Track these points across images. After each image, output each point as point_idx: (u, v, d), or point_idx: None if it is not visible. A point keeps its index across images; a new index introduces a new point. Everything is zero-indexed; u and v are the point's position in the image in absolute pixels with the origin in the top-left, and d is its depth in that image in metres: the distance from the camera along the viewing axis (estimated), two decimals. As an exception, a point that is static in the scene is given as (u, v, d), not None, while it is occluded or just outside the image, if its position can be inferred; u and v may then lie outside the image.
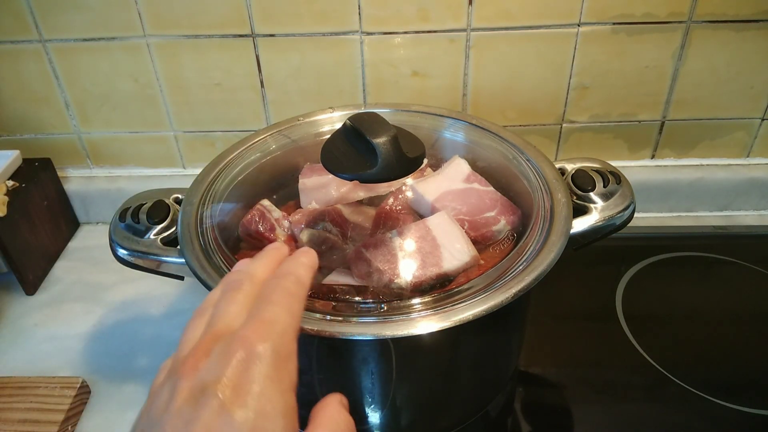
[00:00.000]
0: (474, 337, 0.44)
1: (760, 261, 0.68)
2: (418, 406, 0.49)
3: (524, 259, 0.41)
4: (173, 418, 0.27)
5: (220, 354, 0.28)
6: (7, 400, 0.53)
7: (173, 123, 0.74)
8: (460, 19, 0.65)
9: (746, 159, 0.76)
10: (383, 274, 0.42)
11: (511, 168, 0.51)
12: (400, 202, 0.49)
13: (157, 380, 0.30)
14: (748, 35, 0.66)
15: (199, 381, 0.27)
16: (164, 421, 0.27)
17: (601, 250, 0.56)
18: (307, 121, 0.57)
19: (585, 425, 0.52)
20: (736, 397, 0.53)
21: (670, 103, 0.71)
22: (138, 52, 0.68)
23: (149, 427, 0.28)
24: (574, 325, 0.62)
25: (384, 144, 0.39)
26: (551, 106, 0.72)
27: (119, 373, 0.58)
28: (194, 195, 0.49)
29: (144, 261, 0.47)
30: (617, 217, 0.48)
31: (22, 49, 0.68)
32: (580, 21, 0.65)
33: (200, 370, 0.28)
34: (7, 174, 0.69)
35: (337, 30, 0.66)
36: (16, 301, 0.68)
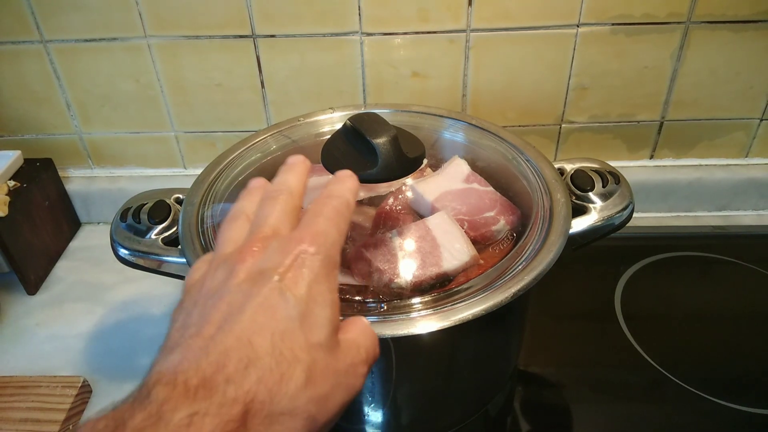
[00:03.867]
0: (473, 337, 0.45)
1: (759, 261, 0.69)
2: (417, 405, 0.49)
3: (523, 259, 0.41)
4: (232, 292, 0.29)
5: (276, 249, 0.30)
6: (9, 399, 0.53)
7: (174, 123, 0.74)
8: (459, 19, 0.65)
9: (745, 159, 0.77)
10: (383, 273, 0.42)
11: (511, 168, 0.51)
12: (400, 202, 0.49)
13: (195, 274, 0.33)
14: (747, 36, 0.66)
15: (256, 266, 0.30)
16: (221, 294, 0.29)
17: (600, 249, 0.56)
18: (308, 122, 0.58)
19: (584, 425, 0.53)
20: (735, 397, 0.53)
21: (669, 103, 0.71)
22: (139, 52, 0.68)
23: (204, 299, 0.30)
24: (574, 324, 0.62)
25: (384, 144, 0.39)
26: (550, 107, 0.72)
27: (120, 372, 0.59)
28: (195, 195, 0.49)
29: (145, 261, 0.47)
30: (616, 217, 0.48)
31: (24, 49, 0.68)
32: (580, 21, 0.65)
33: (257, 260, 0.30)
34: (9, 174, 0.69)
35: (338, 30, 0.66)
36: (18, 301, 0.68)
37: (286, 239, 0.31)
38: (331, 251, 0.31)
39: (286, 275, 0.29)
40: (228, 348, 0.26)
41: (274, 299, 0.28)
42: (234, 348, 0.26)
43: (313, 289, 0.29)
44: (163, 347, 0.28)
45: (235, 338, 0.27)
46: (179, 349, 0.27)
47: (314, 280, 0.29)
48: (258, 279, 0.29)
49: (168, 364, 0.26)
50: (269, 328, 0.27)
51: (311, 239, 0.30)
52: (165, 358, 0.27)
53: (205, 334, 0.27)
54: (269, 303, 0.28)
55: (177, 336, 0.28)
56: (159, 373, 0.26)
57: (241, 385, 0.25)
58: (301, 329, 0.28)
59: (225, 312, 0.28)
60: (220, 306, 0.28)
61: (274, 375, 0.26)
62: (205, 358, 0.26)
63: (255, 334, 0.27)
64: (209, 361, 0.26)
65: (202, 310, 0.29)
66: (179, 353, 0.27)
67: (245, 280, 0.29)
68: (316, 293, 0.29)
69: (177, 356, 0.27)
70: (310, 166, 0.37)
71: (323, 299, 0.29)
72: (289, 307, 0.28)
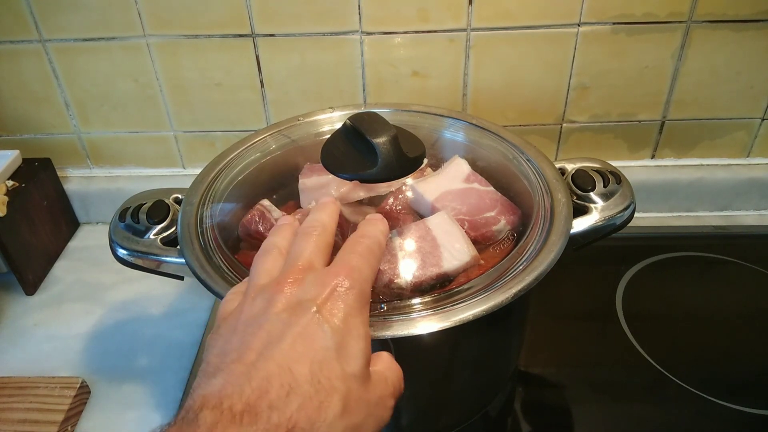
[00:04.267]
0: (474, 337, 0.44)
1: (760, 261, 0.68)
2: (418, 406, 0.49)
3: (524, 259, 0.41)
4: (271, 321, 0.30)
5: (313, 282, 0.32)
6: (7, 400, 0.53)
7: (173, 123, 0.74)
8: (460, 19, 0.65)
9: (746, 159, 0.76)
10: (383, 274, 0.41)
11: (511, 168, 0.51)
12: (400, 202, 0.49)
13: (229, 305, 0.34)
14: (747, 35, 0.66)
15: (295, 297, 0.31)
16: (261, 323, 0.30)
17: (602, 250, 0.56)
18: (307, 121, 0.57)
19: (585, 425, 0.52)
20: (736, 397, 0.53)
21: (670, 103, 0.71)
22: (138, 52, 0.68)
23: (243, 326, 0.31)
24: (574, 325, 0.62)
25: (384, 144, 0.39)
26: (551, 106, 0.72)
27: (119, 373, 0.58)
28: (194, 195, 0.49)
29: (144, 261, 0.47)
30: (617, 217, 0.48)
31: (22, 49, 0.68)
32: (580, 21, 0.65)
33: (295, 291, 0.32)
34: (7, 174, 0.69)
35: (337, 30, 0.66)
36: (16, 301, 0.68)
37: (323, 273, 0.32)
38: (365, 286, 0.33)
39: (324, 307, 0.30)
40: (269, 374, 0.27)
41: (312, 329, 0.29)
42: (275, 375, 0.27)
43: (349, 322, 0.30)
44: (203, 372, 0.29)
45: (276, 365, 0.28)
46: (221, 374, 0.28)
47: (349, 313, 0.31)
48: (297, 309, 0.30)
49: (211, 389, 0.27)
50: (308, 356, 0.28)
51: (347, 273, 0.32)
52: (207, 383, 0.28)
53: (247, 360, 0.28)
54: (308, 332, 0.29)
55: (217, 361, 0.29)
56: (203, 398, 0.27)
57: (283, 412, 0.26)
58: (337, 360, 0.29)
59: (265, 339, 0.29)
60: (260, 334, 0.30)
61: (313, 403, 0.27)
62: (248, 383, 0.27)
63: (295, 362, 0.28)
64: (252, 387, 0.27)
65: (242, 337, 0.30)
66: (222, 378, 0.28)
67: (284, 309, 0.31)
68: (351, 326, 0.31)
69: (220, 381, 0.28)
70: (340, 207, 0.39)
71: (358, 332, 0.31)
72: (327, 338, 0.29)
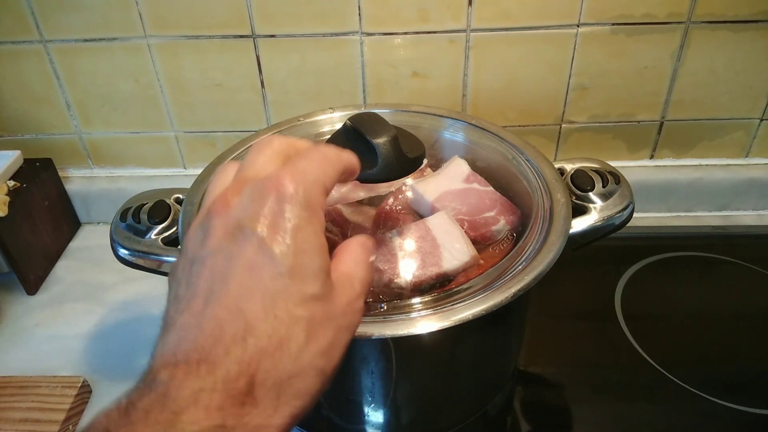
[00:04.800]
0: (473, 337, 0.44)
1: (759, 261, 0.69)
2: (417, 405, 0.49)
3: (524, 259, 0.41)
4: (213, 255, 0.27)
5: (252, 193, 0.28)
6: (9, 399, 0.53)
7: (174, 123, 0.74)
8: (459, 19, 0.65)
9: (745, 159, 0.77)
10: (383, 274, 0.42)
11: (511, 168, 0.51)
12: (400, 202, 0.49)
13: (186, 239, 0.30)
14: (746, 36, 0.66)
15: (233, 218, 0.27)
16: (203, 258, 0.27)
17: (601, 249, 0.56)
18: (308, 122, 0.58)
19: (584, 425, 0.53)
20: (735, 397, 0.53)
21: (669, 103, 0.71)
22: (139, 52, 0.68)
23: (189, 265, 0.28)
24: (574, 324, 0.62)
25: (384, 144, 0.39)
26: (550, 107, 0.72)
27: (120, 372, 0.59)
28: (195, 195, 0.49)
29: (145, 261, 0.47)
30: (616, 217, 0.48)
31: (23, 49, 0.68)
32: (580, 21, 0.65)
33: (232, 208, 0.28)
34: (9, 174, 0.69)
35: (337, 30, 0.66)
36: (18, 301, 0.68)
37: (261, 181, 0.28)
38: (312, 190, 0.28)
39: (266, 224, 0.27)
40: (221, 321, 0.25)
41: (258, 258, 0.26)
42: (226, 320, 0.25)
43: (298, 237, 0.27)
44: (161, 327, 0.28)
45: (225, 309, 0.26)
46: (173, 329, 0.26)
47: (297, 226, 0.27)
48: (237, 235, 0.27)
49: (168, 346, 0.26)
50: (258, 291, 0.26)
51: (290, 177, 0.28)
52: (163, 340, 0.27)
53: (195, 309, 0.26)
54: (253, 263, 0.26)
55: (172, 312, 0.27)
56: (161, 357, 0.26)
57: (242, 358, 0.25)
58: (293, 285, 0.26)
59: (209, 280, 0.27)
60: (203, 273, 0.27)
61: (272, 341, 0.25)
62: (200, 334, 0.25)
63: (245, 301, 0.26)
64: (205, 336, 0.25)
65: (187, 279, 0.28)
66: (175, 333, 0.26)
67: (223, 236, 0.27)
68: (301, 241, 0.27)
69: (174, 336, 0.26)
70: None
71: (311, 246, 0.27)
72: (276, 264, 0.26)
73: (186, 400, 0.24)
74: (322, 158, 0.30)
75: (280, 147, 0.31)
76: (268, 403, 0.25)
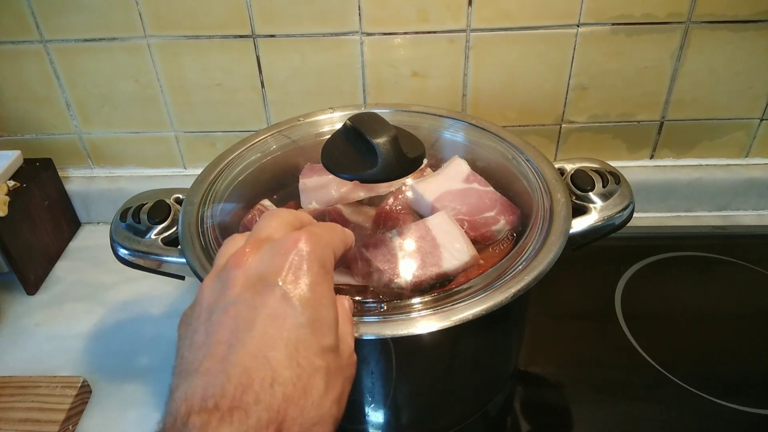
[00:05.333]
0: (474, 337, 0.44)
1: (759, 261, 0.69)
2: (417, 405, 0.49)
3: (524, 259, 0.41)
4: (235, 305, 0.28)
5: (272, 249, 0.30)
6: (8, 399, 0.53)
7: (174, 123, 0.74)
8: (459, 19, 0.65)
9: (745, 159, 0.77)
10: (383, 273, 0.42)
11: (511, 168, 0.51)
12: (400, 202, 0.49)
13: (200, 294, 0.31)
14: (746, 36, 0.66)
15: (254, 271, 0.29)
16: (224, 307, 0.28)
17: (601, 249, 0.56)
18: (308, 122, 0.58)
19: (584, 425, 0.53)
20: (735, 397, 0.53)
21: (669, 103, 0.71)
22: (139, 52, 0.68)
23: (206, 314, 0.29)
24: (574, 324, 0.62)
25: (384, 144, 0.39)
26: (550, 107, 0.72)
27: (120, 372, 0.59)
28: (195, 195, 0.49)
29: (145, 261, 0.47)
30: (616, 217, 0.48)
31: (23, 49, 0.68)
32: (580, 21, 0.65)
33: (252, 262, 0.29)
34: (9, 174, 0.69)
35: (338, 30, 0.66)
36: (18, 301, 0.68)
37: (280, 240, 0.30)
38: (326, 252, 0.31)
39: (287, 278, 0.28)
40: (247, 368, 0.26)
41: (281, 308, 0.28)
42: (253, 367, 0.26)
43: (317, 291, 0.29)
44: (178, 369, 0.28)
45: (251, 356, 0.26)
46: (197, 374, 0.27)
47: (315, 281, 0.29)
48: (258, 286, 0.28)
49: (193, 391, 0.26)
50: (282, 340, 0.27)
51: (306, 238, 0.30)
52: (186, 383, 0.27)
53: (218, 355, 0.27)
54: (277, 313, 0.27)
55: (190, 357, 0.28)
56: (187, 401, 0.26)
57: (271, 405, 0.25)
58: (312, 335, 0.28)
59: (232, 327, 0.27)
60: (225, 321, 0.28)
61: (297, 389, 0.26)
62: (228, 381, 0.26)
63: (270, 349, 0.27)
64: (233, 385, 0.25)
65: (207, 327, 0.28)
66: (200, 378, 0.26)
67: (245, 287, 0.29)
68: (320, 295, 0.29)
69: (199, 381, 0.26)
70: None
71: (327, 300, 0.29)
72: (298, 315, 0.28)
73: None
74: (331, 228, 0.33)
75: (288, 217, 0.33)
76: None
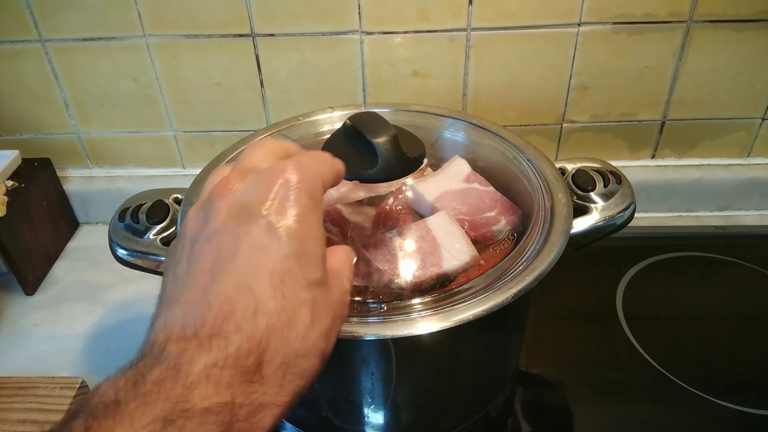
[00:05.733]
0: (474, 337, 0.44)
1: (760, 261, 0.68)
2: (418, 406, 0.49)
3: (524, 259, 0.41)
4: (218, 234, 0.27)
5: (258, 179, 0.28)
6: (7, 400, 0.53)
7: (173, 123, 0.74)
8: (460, 18, 0.65)
9: (746, 159, 0.76)
10: (383, 274, 0.41)
11: (512, 168, 0.51)
12: (400, 202, 0.49)
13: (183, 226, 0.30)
14: (748, 35, 0.66)
15: (238, 200, 0.28)
16: (207, 237, 0.27)
17: (602, 250, 0.56)
18: (307, 121, 0.57)
19: (585, 425, 0.52)
20: (736, 397, 0.53)
21: (670, 102, 0.71)
22: (138, 51, 0.68)
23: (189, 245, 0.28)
24: (575, 325, 0.62)
25: (384, 144, 0.39)
26: (551, 106, 0.72)
27: (119, 373, 0.58)
28: (194, 195, 0.48)
29: (143, 261, 0.47)
30: (617, 217, 0.48)
31: (22, 48, 0.68)
32: (580, 21, 0.65)
33: (237, 192, 0.28)
34: (7, 174, 0.69)
35: (337, 30, 0.66)
36: (16, 301, 0.68)
37: (266, 170, 0.29)
38: (315, 182, 0.29)
39: (273, 207, 0.27)
40: (229, 297, 0.25)
41: (265, 239, 0.26)
42: (235, 296, 0.25)
43: (304, 223, 0.27)
44: (161, 300, 0.28)
45: (234, 285, 0.26)
46: (178, 303, 0.26)
47: (303, 213, 0.28)
48: (242, 215, 0.27)
49: (172, 319, 0.25)
50: (266, 270, 0.26)
51: (293, 168, 0.28)
52: (166, 313, 0.26)
53: (200, 284, 0.26)
54: (261, 243, 0.26)
55: (172, 287, 0.27)
56: (166, 329, 0.25)
57: (252, 335, 0.25)
58: (298, 268, 0.27)
59: (215, 256, 0.27)
60: (208, 250, 0.27)
61: (282, 320, 0.26)
62: (209, 309, 0.25)
63: (253, 279, 0.26)
64: (214, 313, 0.25)
65: (189, 257, 0.28)
66: (180, 307, 0.26)
67: (228, 217, 0.27)
68: (307, 227, 0.28)
69: (179, 310, 0.26)
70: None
71: (314, 234, 0.28)
72: (283, 246, 0.26)
73: (197, 375, 0.23)
74: (321, 157, 0.31)
75: (273, 147, 0.32)
76: (274, 381, 0.25)
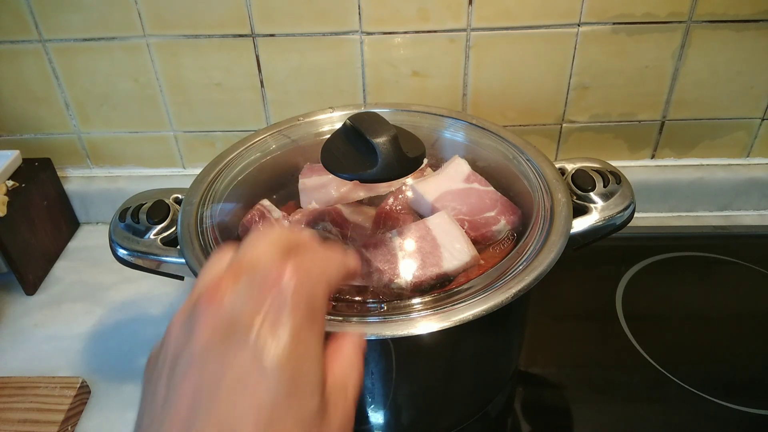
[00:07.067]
0: (474, 337, 0.44)
1: (760, 261, 0.68)
2: (418, 406, 0.49)
3: (524, 259, 0.41)
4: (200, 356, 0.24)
5: (250, 285, 0.25)
6: (7, 400, 0.53)
7: (173, 123, 0.74)
8: (460, 19, 0.65)
9: (746, 159, 0.76)
10: (383, 274, 0.42)
11: (511, 168, 0.51)
12: (400, 202, 0.49)
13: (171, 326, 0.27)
14: (748, 35, 0.66)
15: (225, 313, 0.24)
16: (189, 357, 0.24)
17: (602, 250, 0.56)
18: (307, 121, 0.57)
19: (585, 425, 0.52)
20: (736, 397, 0.53)
21: (670, 102, 0.71)
22: (138, 52, 0.68)
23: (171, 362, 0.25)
24: (575, 325, 0.62)
25: (384, 144, 0.39)
26: (551, 106, 0.72)
27: (119, 373, 0.58)
28: (194, 195, 0.49)
29: (144, 261, 0.47)
30: (617, 216, 0.48)
31: (22, 49, 0.68)
32: (580, 21, 0.65)
33: (225, 300, 0.25)
34: (7, 174, 0.69)
35: (337, 30, 0.66)
36: (16, 301, 0.68)
37: (261, 273, 0.25)
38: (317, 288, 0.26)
39: (263, 326, 0.24)
40: None
41: (252, 368, 0.23)
42: None
43: (299, 346, 0.24)
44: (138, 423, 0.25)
45: (215, 429, 0.22)
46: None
47: (297, 331, 0.24)
48: (228, 335, 0.24)
49: None
50: (252, 409, 0.23)
51: (293, 271, 0.25)
52: None
53: (178, 422, 0.23)
54: (248, 374, 0.23)
55: (147, 417, 0.25)
56: None
57: None
58: (288, 404, 0.23)
59: (195, 387, 0.23)
60: (189, 376, 0.24)
61: None
62: None
63: (237, 421, 0.22)
64: None
65: (169, 380, 0.24)
66: None
67: (212, 334, 0.24)
68: (302, 349, 0.24)
69: None
70: None
71: (311, 356, 0.25)
72: (272, 378, 0.23)
73: None
74: (326, 256, 0.28)
75: (279, 239, 0.28)
76: None
